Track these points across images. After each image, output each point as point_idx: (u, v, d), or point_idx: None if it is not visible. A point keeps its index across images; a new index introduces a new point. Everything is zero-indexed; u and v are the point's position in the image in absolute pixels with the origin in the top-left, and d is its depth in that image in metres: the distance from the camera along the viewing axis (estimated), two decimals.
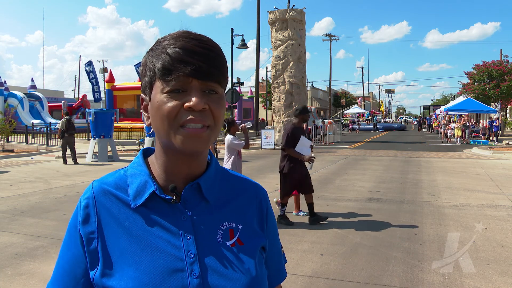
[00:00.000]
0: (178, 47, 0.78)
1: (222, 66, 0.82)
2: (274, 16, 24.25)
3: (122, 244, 0.80)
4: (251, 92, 41.02)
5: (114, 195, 0.85)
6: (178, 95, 0.78)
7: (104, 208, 0.83)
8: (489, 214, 6.70)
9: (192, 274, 0.79)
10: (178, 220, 0.83)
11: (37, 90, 32.78)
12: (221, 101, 0.82)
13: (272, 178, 10.48)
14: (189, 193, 0.85)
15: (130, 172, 0.88)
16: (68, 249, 0.85)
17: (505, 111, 33.10)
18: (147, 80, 0.83)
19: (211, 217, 0.86)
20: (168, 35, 0.82)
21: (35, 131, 23.39)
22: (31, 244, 5.14)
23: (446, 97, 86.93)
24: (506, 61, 29.87)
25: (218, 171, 0.92)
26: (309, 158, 6.05)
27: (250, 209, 0.92)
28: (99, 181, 0.88)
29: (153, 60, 0.80)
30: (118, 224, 0.82)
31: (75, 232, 0.84)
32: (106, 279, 0.78)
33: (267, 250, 0.94)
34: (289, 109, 24.07)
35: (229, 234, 0.86)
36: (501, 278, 4.09)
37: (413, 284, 3.92)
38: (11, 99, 28.67)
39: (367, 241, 5.30)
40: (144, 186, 0.84)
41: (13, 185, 9.61)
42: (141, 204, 0.83)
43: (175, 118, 0.78)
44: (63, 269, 0.84)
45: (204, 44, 0.80)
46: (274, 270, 0.97)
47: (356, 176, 10.85)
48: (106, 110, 15.66)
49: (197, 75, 0.77)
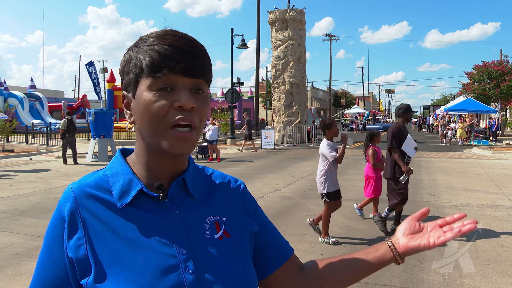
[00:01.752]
0: (166, 45, 0.77)
1: (209, 66, 0.82)
2: (274, 16, 24.25)
3: (112, 247, 0.78)
4: (251, 92, 40.99)
5: (96, 197, 0.82)
6: (167, 94, 0.77)
7: (88, 211, 0.80)
8: (489, 214, 6.70)
9: (186, 271, 0.79)
10: (166, 218, 0.82)
11: (37, 90, 32.79)
12: (206, 100, 0.82)
13: (272, 178, 10.48)
14: (176, 190, 0.85)
15: (111, 172, 0.86)
16: (50, 257, 0.81)
17: (505, 111, 33.09)
18: (131, 77, 0.81)
19: (197, 212, 0.86)
20: (152, 33, 0.82)
21: (35, 131, 23.39)
22: (31, 244, 5.14)
23: (446, 97, 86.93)
24: (506, 61, 29.85)
25: (196, 168, 0.93)
26: (408, 169, 5.48)
27: (231, 200, 0.93)
28: (78, 184, 0.84)
29: (140, 56, 0.79)
30: (105, 227, 0.80)
31: (58, 241, 0.80)
32: (100, 284, 0.76)
33: (258, 232, 0.95)
34: (289, 109, 24.09)
35: (215, 227, 0.86)
36: (501, 278, 4.09)
37: (413, 284, 3.92)
38: (11, 99, 28.69)
39: (367, 241, 5.30)
40: (129, 185, 0.83)
41: (13, 185, 9.61)
42: (127, 204, 0.81)
43: (164, 118, 0.77)
44: (46, 275, 0.81)
45: (192, 43, 0.80)
46: (276, 248, 0.97)
47: (357, 176, 10.83)
48: (106, 110, 15.67)
49: (186, 72, 0.77)
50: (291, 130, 23.57)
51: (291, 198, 7.97)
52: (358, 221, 6.32)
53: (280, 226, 5.91)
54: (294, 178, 10.49)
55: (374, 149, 6.23)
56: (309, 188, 9.11)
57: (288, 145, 22.59)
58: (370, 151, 6.20)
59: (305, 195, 8.26)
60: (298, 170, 12.21)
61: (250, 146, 19.27)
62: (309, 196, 8.20)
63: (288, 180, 10.25)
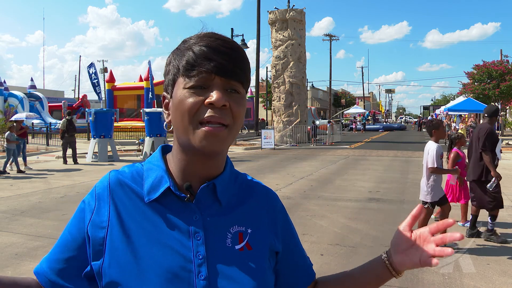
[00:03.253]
0: (203, 45, 0.79)
1: (245, 67, 0.82)
2: (274, 16, 24.26)
3: (131, 237, 0.80)
4: (251, 92, 41.00)
5: (129, 187, 0.85)
6: (200, 91, 0.78)
7: (118, 198, 0.83)
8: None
9: (199, 276, 0.78)
10: (189, 219, 0.82)
11: (37, 90, 32.81)
12: (242, 101, 0.82)
13: (272, 178, 10.49)
14: (204, 193, 0.84)
15: (147, 166, 0.88)
16: (71, 231, 0.86)
17: (505, 111, 33.10)
18: (170, 77, 0.83)
19: (222, 219, 0.85)
20: (194, 35, 0.84)
21: (35, 131, 23.39)
22: (31, 244, 5.14)
23: (446, 97, 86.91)
24: (506, 61, 29.87)
25: (233, 174, 0.92)
26: (498, 174, 5.22)
27: (260, 213, 0.91)
28: (116, 172, 0.88)
29: (178, 58, 0.82)
30: (129, 217, 0.82)
31: (82, 217, 0.85)
32: (112, 270, 0.78)
33: (281, 253, 0.93)
34: (289, 109, 24.09)
35: (238, 238, 0.85)
36: (501, 278, 4.09)
37: (413, 284, 3.92)
38: (11, 99, 28.68)
39: (367, 241, 5.30)
40: (159, 181, 0.84)
41: (13, 185, 9.61)
42: (154, 199, 0.83)
43: (195, 114, 0.78)
44: (63, 245, 0.86)
45: (228, 44, 0.81)
46: (299, 271, 0.96)
47: (356, 176, 10.85)
48: (106, 110, 15.68)
49: (219, 72, 0.78)
50: (291, 130, 23.57)
51: (291, 198, 7.97)
52: (358, 221, 6.32)
53: None
54: (294, 178, 10.50)
55: (457, 152, 5.87)
56: (309, 188, 9.11)
57: (288, 145, 22.59)
58: (452, 154, 5.89)
59: (305, 195, 8.26)
60: (298, 170, 12.21)
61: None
62: (309, 196, 8.20)
63: (288, 180, 10.25)
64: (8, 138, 11.60)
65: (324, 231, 5.76)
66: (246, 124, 36.66)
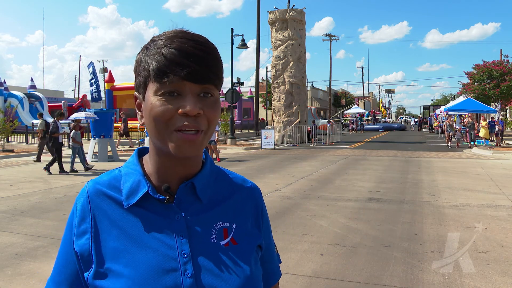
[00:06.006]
0: (173, 48, 0.76)
1: (218, 69, 0.80)
2: (274, 16, 24.27)
3: (116, 244, 0.80)
4: (250, 92, 41.01)
5: (107, 195, 0.84)
6: (172, 99, 0.76)
7: (98, 209, 0.83)
8: (489, 214, 6.70)
9: (185, 274, 0.79)
10: (172, 220, 0.82)
11: (37, 90, 32.81)
12: (216, 104, 0.80)
13: (271, 178, 10.49)
14: (183, 193, 0.84)
15: (124, 171, 0.87)
16: (64, 249, 0.86)
17: (505, 111, 33.10)
18: (141, 79, 0.81)
19: (205, 216, 0.85)
20: (163, 34, 0.80)
21: (35, 131, 23.37)
22: (31, 244, 5.14)
23: (446, 97, 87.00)
24: (506, 61, 29.90)
25: (213, 171, 0.92)
26: None
27: (245, 208, 0.92)
28: (93, 182, 0.87)
29: (148, 59, 0.79)
30: (112, 224, 0.82)
31: (70, 233, 0.85)
32: (99, 280, 0.79)
33: (263, 249, 0.94)
34: (289, 109, 24.10)
35: (223, 233, 0.86)
36: (501, 278, 4.09)
37: (413, 284, 3.92)
38: (11, 99, 28.67)
39: (367, 241, 5.30)
40: (137, 186, 0.84)
41: (13, 185, 9.61)
42: (134, 204, 0.83)
43: (168, 122, 0.77)
44: (60, 266, 0.86)
45: (200, 46, 0.78)
46: (270, 269, 0.97)
47: (356, 176, 10.85)
48: (106, 110, 15.69)
49: (192, 78, 0.76)
50: (291, 130, 23.58)
51: (291, 198, 7.97)
52: (358, 221, 6.31)
53: (280, 226, 5.91)
54: (294, 178, 10.49)
55: None
56: (309, 188, 9.11)
57: (288, 145, 22.59)
58: None
59: (305, 195, 8.26)
60: (298, 170, 12.21)
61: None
62: (309, 196, 8.20)
63: (288, 180, 10.25)
64: (73, 137, 11.87)
65: (324, 231, 5.76)
66: (246, 124, 36.66)
